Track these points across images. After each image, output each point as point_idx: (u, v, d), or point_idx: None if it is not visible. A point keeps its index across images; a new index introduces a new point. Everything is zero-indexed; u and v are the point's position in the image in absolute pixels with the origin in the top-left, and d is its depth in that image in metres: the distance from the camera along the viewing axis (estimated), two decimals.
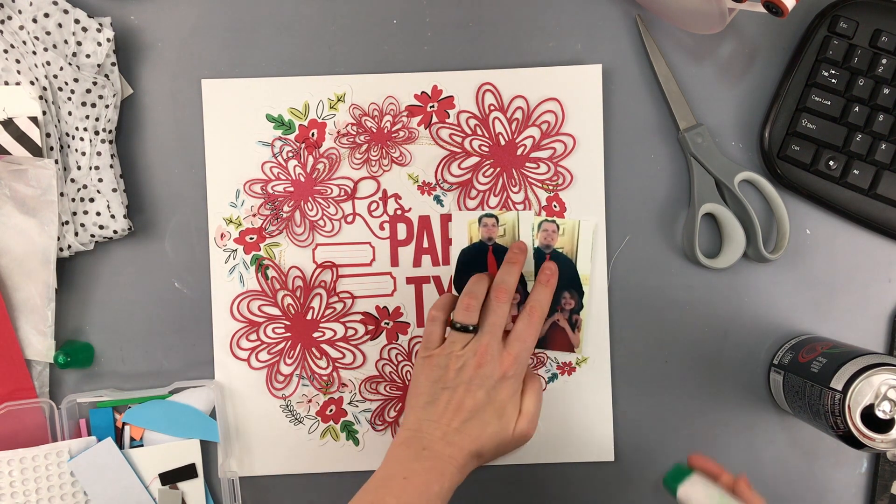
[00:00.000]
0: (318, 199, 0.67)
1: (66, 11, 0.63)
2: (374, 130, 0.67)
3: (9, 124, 0.63)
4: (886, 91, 0.65)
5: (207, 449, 0.67)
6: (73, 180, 0.65)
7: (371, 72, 0.67)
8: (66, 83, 0.64)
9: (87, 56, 0.64)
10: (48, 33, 0.63)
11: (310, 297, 0.67)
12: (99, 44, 0.64)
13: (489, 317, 0.60)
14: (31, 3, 0.63)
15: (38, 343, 0.65)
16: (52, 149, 0.64)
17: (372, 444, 0.67)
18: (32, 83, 0.64)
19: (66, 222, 0.65)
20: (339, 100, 0.67)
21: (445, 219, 0.67)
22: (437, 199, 0.67)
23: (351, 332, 0.67)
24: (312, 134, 0.67)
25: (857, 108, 0.65)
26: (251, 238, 0.67)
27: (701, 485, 0.56)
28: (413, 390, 0.60)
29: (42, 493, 0.64)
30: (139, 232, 0.67)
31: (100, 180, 0.65)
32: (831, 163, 0.65)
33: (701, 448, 0.67)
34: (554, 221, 0.67)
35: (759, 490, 0.67)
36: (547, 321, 0.67)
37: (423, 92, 0.67)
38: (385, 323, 0.67)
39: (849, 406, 0.56)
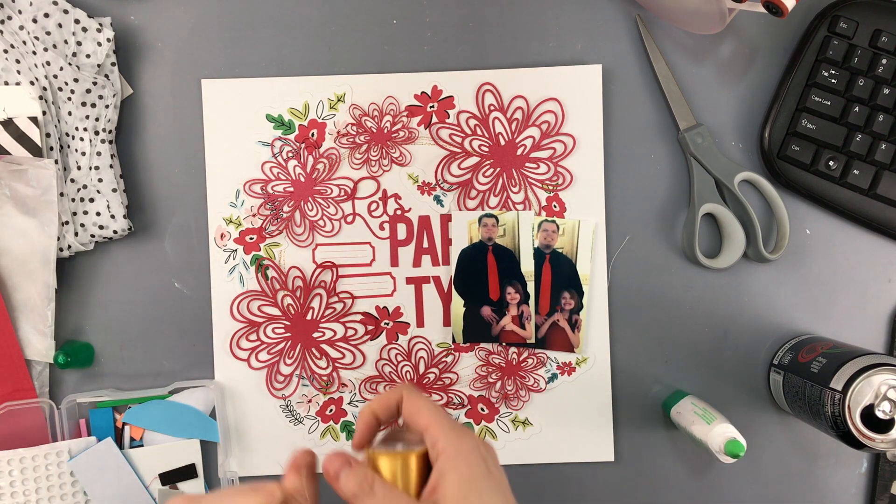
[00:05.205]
0: (318, 199, 0.67)
1: (66, 11, 0.63)
2: (374, 130, 0.67)
3: (9, 124, 0.63)
4: (886, 91, 0.64)
5: (207, 449, 0.67)
6: (73, 180, 0.65)
7: (371, 72, 0.67)
8: (66, 83, 0.64)
9: (87, 56, 0.64)
10: (48, 33, 0.63)
11: (310, 298, 0.67)
12: (99, 44, 0.64)
13: None
14: (31, 3, 0.63)
15: (38, 343, 0.65)
16: (52, 149, 0.64)
17: None
18: (32, 83, 0.64)
19: (66, 222, 0.65)
20: (339, 100, 0.67)
21: (445, 219, 0.67)
22: (437, 199, 0.67)
23: (351, 332, 0.67)
24: (312, 134, 0.67)
25: (857, 108, 0.65)
26: (251, 238, 0.67)
27: (689, 404, 0.63)
28: None
29: (42, 493, 0.64)
30: (139, 232, 0.67)
31: (100, 180, 0.65)
32: (831, 163, 0.65)
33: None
34: (554, 221, 0.67)
35: (760, 490, 0.68)
36: (547, 321, 0.67)
37: (423, 92, 0.67)
38: (385, 323, 0.67)
39: (849, 406, 0.56)
